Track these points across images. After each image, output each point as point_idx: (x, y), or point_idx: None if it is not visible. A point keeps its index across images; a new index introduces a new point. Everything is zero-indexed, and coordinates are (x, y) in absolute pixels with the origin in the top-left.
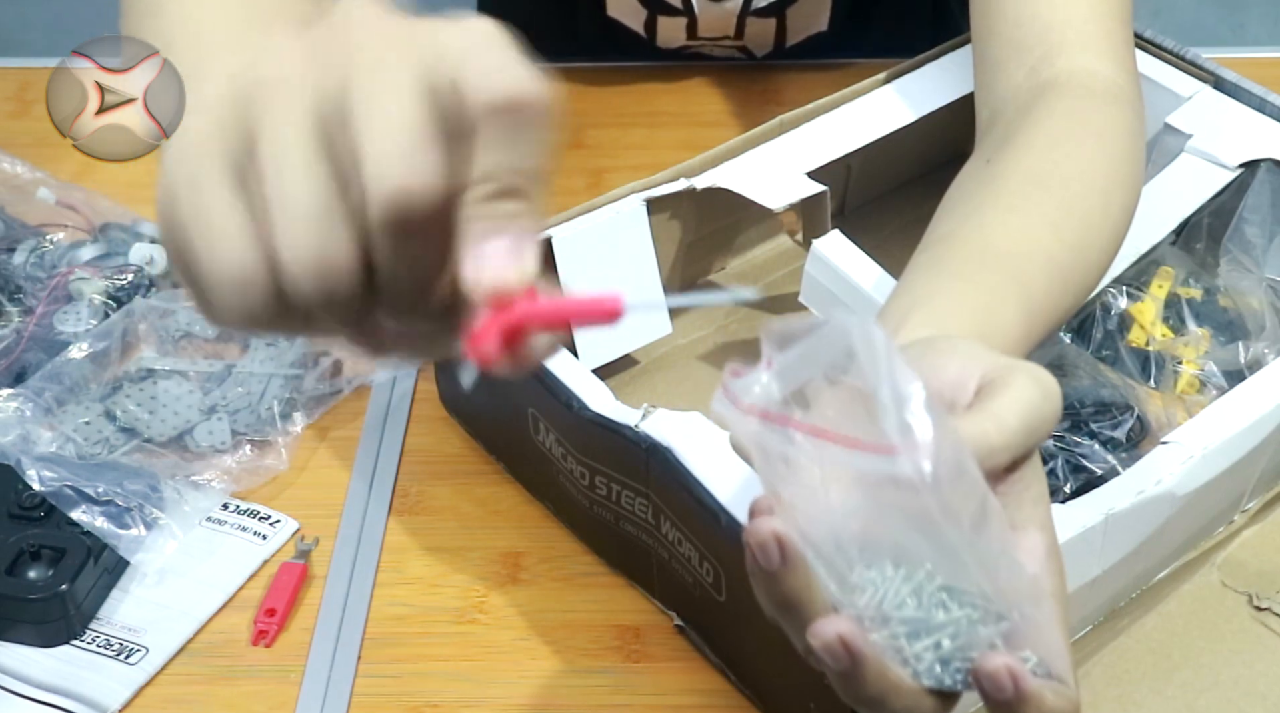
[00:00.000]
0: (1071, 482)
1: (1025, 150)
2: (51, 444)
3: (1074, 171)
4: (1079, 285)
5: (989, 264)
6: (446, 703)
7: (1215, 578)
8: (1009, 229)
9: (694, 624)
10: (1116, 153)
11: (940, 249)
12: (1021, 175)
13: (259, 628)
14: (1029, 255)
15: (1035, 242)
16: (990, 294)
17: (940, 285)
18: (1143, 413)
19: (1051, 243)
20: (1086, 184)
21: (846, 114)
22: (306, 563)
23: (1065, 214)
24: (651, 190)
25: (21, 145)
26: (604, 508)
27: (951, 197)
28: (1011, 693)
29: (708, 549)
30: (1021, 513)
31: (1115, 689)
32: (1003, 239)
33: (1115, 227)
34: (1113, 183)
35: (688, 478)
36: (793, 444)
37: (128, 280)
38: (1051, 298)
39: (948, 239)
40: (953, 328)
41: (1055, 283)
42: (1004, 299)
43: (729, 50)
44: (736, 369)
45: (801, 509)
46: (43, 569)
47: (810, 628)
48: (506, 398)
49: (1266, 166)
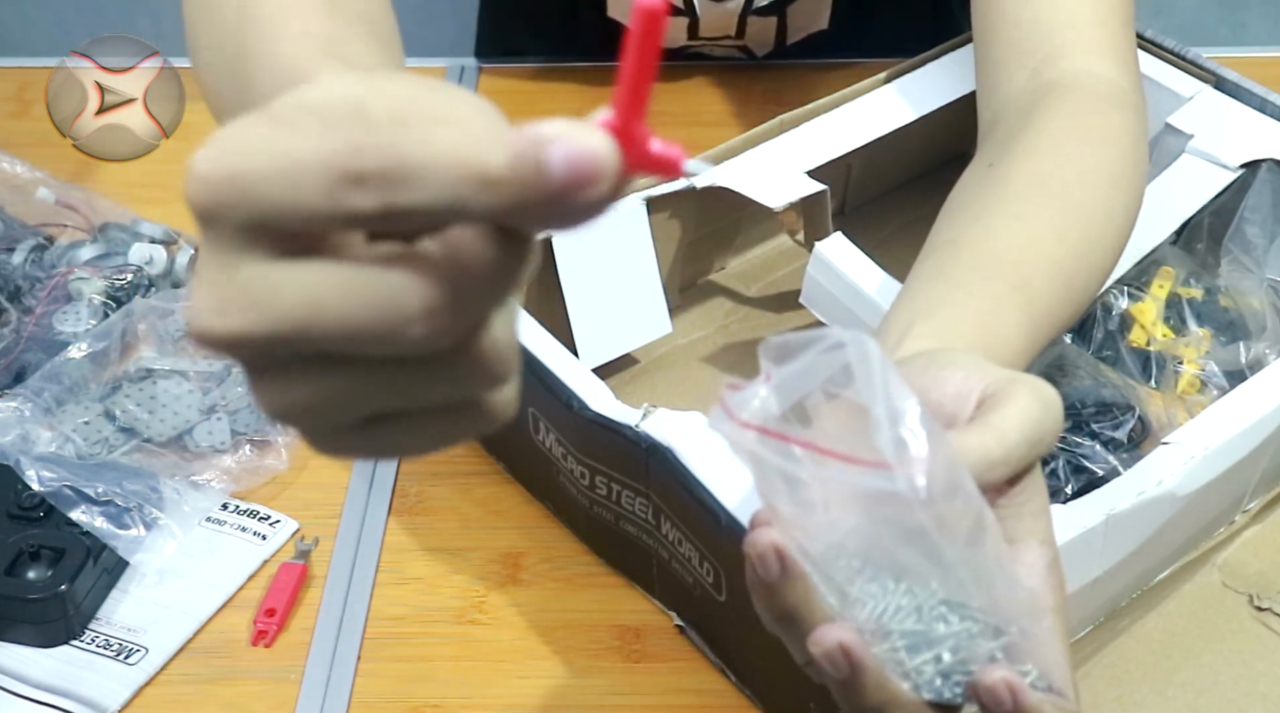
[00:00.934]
0: (1073, 483)
1: (1028, 154)
2: (51, 444)
3: (1076, 175)
4: (1083, 290)
5: (992, 273)
6: (446, 703)
7: (1216, 578)
8: (1012, 235)
9: (694, 624)
10: (1119, 156)
11: (943, 256)
12: (1024, 179)
13: (259, 628)
14: (1032, 262)
15: (1038, 248)
16: (993, 303)
17: (943, 295)
18: (1144, 413)
19: (1055, 248)
20: (1089, 188)
21: (847, 113)
22: (306, 563)
23: (1068, 218)
24: (651, 189)
25: (21, 145)
26: (604, 508)
27: (954, 200)
28: (1010, 707)
29: (708, 549)
30: (1021, 526)
31: (1115, 690)
32: (1006, 246)
33: (1119, 230)
34: (1116, 186)
35: (688, 478)
36: (791, 460)
37: (127, 280)
38: (1055, 304)
39: (950, 246)
40: (955, 340)
41: (1059, 288)
42: (1007, 308)
43: (729, 50)
44: (734, 384)
45: (800, 524)
46: (42, 569)
47: (811, 636)
48: None
49: (1268, 166)
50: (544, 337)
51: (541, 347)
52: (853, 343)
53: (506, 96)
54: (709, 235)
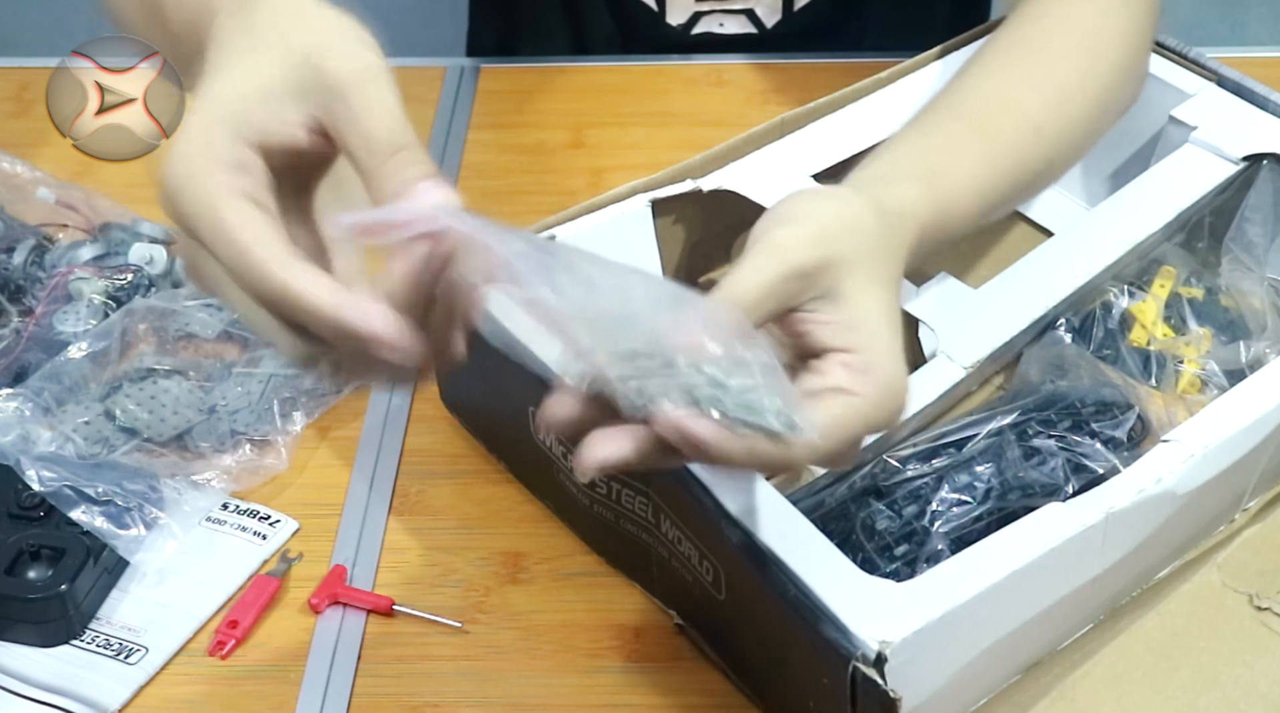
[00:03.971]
0: (1074, 482)
1: (1020, 20)
2: (51, 444)
3: (1060, 34)
4: (1058, 136)
5: (955, 116)
6: (446, 703)
7: (1216, 578)
8: (985, 84)
9: (694, 623)
10: (1112, 27)
11: (924, 109)
12: (1009, 41)
13: (218, 638)
14: (1000, 108)
15: (1006, 94)
16: (948, 139)
17: (904, 134)
18: (1144, 412)
19: (1024, 94)
20: (1072, 47)
21: (850, 115)
22: (283, 578)
23: (1044, 72)
24: (657, 191)
25: (21, 145)
26: (604, 507)
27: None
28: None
29: (707, 548)
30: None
31: (1115, 689)
32: (975, 94)
33: (1099, 92)
34: (1100, 53)
35: (688, 477)
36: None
37: (127, 280)
38: (1022, 147)
39: (932, 101)
40: (904, 167)
41: (1028, 133)
42: (963, 144)
43: (739, 18)
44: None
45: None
46: (42, 569)
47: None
48: (507, 397)
49: (1269, 166)
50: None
51: (542, 346)
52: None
53: (505, 96)
54: (713, 237)
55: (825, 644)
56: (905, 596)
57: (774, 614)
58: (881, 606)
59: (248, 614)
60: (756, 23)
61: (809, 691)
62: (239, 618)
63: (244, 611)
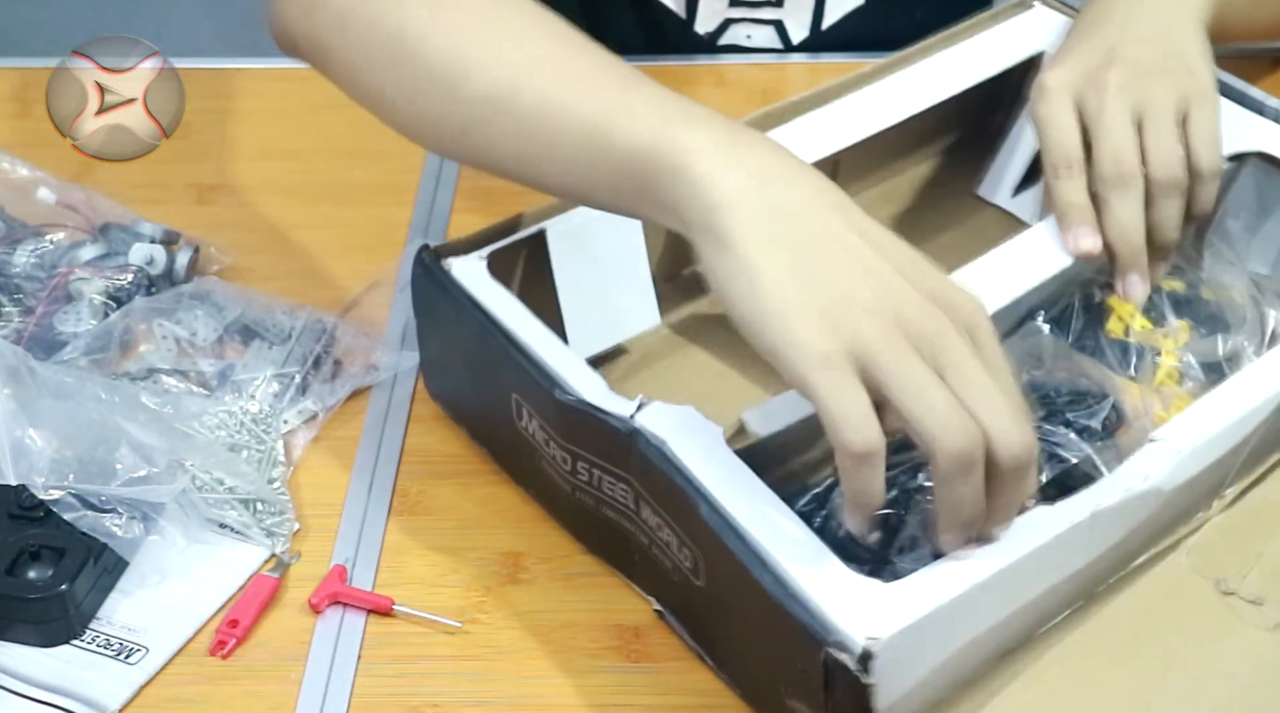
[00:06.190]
0: (1046, 470)
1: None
2: None
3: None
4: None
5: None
6: (446, 703)
7: (1185, 563)
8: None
9: (672, 610)
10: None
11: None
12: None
13: (219, 638)
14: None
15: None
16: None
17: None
18: (1119, 403)
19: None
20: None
21: (833, 111)
22: (281, 577)
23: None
24: None
25: (21, 145)
26: (585, 493)
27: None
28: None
29: (686, 534)
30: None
31: (1085, 670)
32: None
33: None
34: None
35: (666, 462)
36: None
37: (128, 280)
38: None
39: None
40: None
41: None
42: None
43: (767, 30)
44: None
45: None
46: (42, 569)
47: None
48: (491, 384)
49: (1252, 161)
50: (529, 322)
51: (526, 332)
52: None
53: None
54: None
55: (800, 630)
56: (889, 591)
57: (751, 600)
58: (862, 596)
59: (248, 614)
60: (784, 37)
61: (783, 677)
62: (239, 618)
63: (244, 610)
